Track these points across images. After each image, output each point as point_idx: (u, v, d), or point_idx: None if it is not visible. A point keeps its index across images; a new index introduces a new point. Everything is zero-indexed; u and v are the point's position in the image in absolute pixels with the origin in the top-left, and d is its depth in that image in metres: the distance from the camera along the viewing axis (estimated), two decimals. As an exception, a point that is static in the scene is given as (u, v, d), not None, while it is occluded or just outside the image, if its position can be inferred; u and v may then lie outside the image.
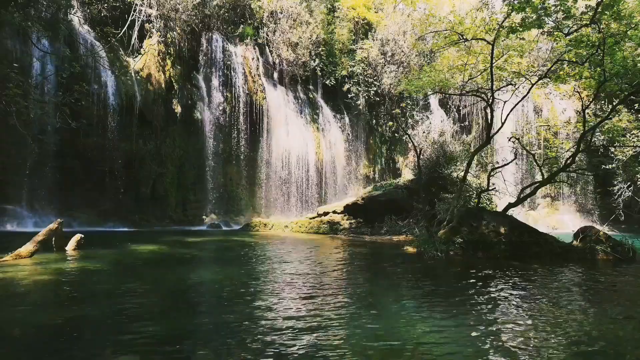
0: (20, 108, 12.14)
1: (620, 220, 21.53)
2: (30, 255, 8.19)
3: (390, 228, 16.19)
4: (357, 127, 26.85)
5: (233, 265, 8.75)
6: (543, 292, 6.51)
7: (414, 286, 7.17)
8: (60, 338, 4.09)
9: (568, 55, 11.60)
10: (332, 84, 25.46)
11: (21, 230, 14.52)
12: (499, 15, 12.36)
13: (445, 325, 4.61)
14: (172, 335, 4.19)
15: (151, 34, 19.84)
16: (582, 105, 13.13)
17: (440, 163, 17.78)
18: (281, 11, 23.86)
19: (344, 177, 25.61)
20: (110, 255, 9.25)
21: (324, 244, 13.40)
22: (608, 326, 4.80)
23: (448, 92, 17.77)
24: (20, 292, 5.71)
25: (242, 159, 22.21)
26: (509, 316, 5.09)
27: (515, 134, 17.19)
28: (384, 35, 26.03)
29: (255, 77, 22.86)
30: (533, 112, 27.66)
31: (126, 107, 18.13)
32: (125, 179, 18.06)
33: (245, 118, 22.10)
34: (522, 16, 10.61)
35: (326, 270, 8.15)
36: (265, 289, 6.42)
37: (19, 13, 13.14)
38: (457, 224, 11.22)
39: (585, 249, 10.41)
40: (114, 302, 5.36)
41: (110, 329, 4.36)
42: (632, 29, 10.42)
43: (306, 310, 5.09)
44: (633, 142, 16.09)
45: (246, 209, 22.34)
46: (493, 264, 9.22)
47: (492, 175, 14.23)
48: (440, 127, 21.78)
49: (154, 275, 7.43)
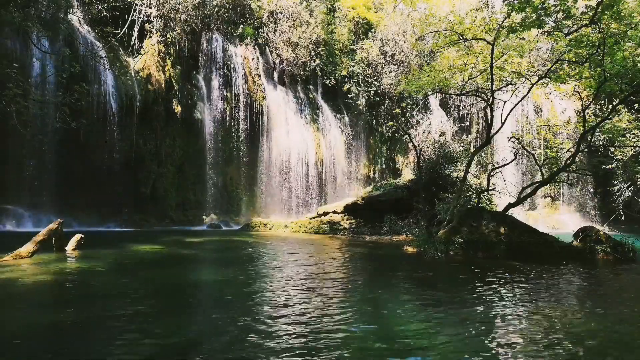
0: (20, 108, 12.13)
1: (620, 220, 21.52)
2: (30, 255, 8.18)
3: (390, 228, 16.19)
4: (357, 127, 26.85)
5: (233, 266, 8.75)
6: (543, 292, 6.51)
7: (414, 286, 7.16)
8: (61, 338, 4.09)
9: (568, 55, 11.60)
10: (332, 84, 25.46)
11: (21, 230, 14.52)
12: (499, 15, 12.37)
13: (446, 325, 4.61)
14: (173, 335, 4.19)
15: (151, 34, 19.83)
16: (582, 105, 13.13)
17: (440, 163, 17.77)
18: (281, 11, 23.86)
19: (344, 177, 25.60)
20: (110, 255, 9.25)
21: (324, 244, 13.40)
22: (608, 326, 4.80)
23: (448, 92, 17.77)
24: (20, 292, 5.71)
25: (242, 159, 22.20)
26: (509, 316, 5.09)
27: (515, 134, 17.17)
28: (383, 35, 26.03)
29: (255, 77, 22.86)
30: (533, 112, 27.66)
31: (126, 107, 18.12)
32: (125, 179, 18.05)
33: (245, 118, 22.09)
34: (522, 16, 10.61)
35: (326, 270, 8.15)
36: (265, 289, 6.42)
37: (19, 13, 13.14)
38: (457, 224, 11.22)
39: (585, 249, 10.40)
40: (114, 302, 5.36)
41: (111, 329, 4.35)
42: (632, 29, 10.42)
43: (306, 310, 5.09)
44: (633, 142, 16.08)
45: (246, 209, 22.34)
46: (493, 264, 9.22)
47: (492, 175, 14.23)
48: (440, 127, 21.79)
49: (154, 276, 7.42)
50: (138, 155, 18.67)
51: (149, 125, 19.13)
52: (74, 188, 16.58)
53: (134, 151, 18.50)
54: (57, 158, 16.36)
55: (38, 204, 16.02)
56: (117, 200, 17.73)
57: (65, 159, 16.53)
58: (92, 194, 17.03)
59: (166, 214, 19.69)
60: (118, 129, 17.83)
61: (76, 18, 17.79)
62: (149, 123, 19.13)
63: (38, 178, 16.11)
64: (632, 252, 10.34)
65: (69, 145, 16.30)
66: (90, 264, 8.00)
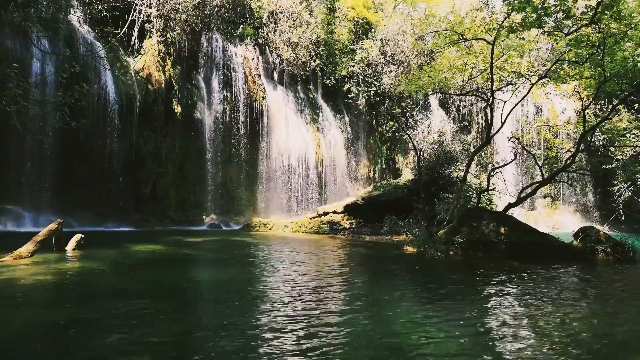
0: (20, 108, 12.11)
1: (620, 220, 21.48)
2: (30, 255, 8.18)
3: (390, 228, 16.17)
4: (357, 127, 26.84)
5: (233, 266, 8.75)
6: (543, 291, 6.51)
7: (414, 286, 7.17)
8: (61, 338, 4.09)
9: (568, 55, 11.60)
10: (332, 84, 25.45)
11: (21, 230, 14.52)
12: (499, 15, 12.38)
13: (446, 325, 4.61)
14: (173, 335, 4.19)
15: (151, 34, 19.83)
16: (582, 105, 13.13)
17: (440, 163, 17.77)
18: (281, 11, 23.85)
19: (344, 177, 25.59)
20: (110, 255, 9.25)
21: (324, 244, 13.40)
22: (608, 326, 4.80)
23: (448, 92, 17.78)
24: (20, 292, 5.71)
25: (242, 159, 22.19)
26: (509, 315, 5.09)
27: (515, 134, 17.19)
28: (383, 35, 26.02)
29: (255, 77, 22.85)
30: (533, 112, 27.64)
31: (126, 107, 18.11)
32: (125, 179, 18.04)
33: (245, 118, 22.08)
34: (522, 16, 10.60)
35: (326, 270, 8.15)
36: (265, 289, 6.42)
37: (19, 13, 13.13)
38: (457, 224, 11.21)
39: (585, 249, 10.39)
40: (114, 302, 5.35)
41: (111, 329, 4.35)
42: (632, 29, 10.43)
43: (306, 310, 5.09)
44: (633, 142, 16.09)
45: (246, 209, 22.33)
46: (493, 264, 9.22)
47: (492, 175, 14.22)
48: (440, 127, 21.74)
49: (154, 276, 7.42)
50: (138, 155, 18.66)
51: (149, 125, 19.13)
52: (74, 188, 16.58)
53: (134, 151, 18.49)
54: (57, 158, 16.34)
55: (38, 204, 16.02)
56: (117, 201, 17.72)
57: (65, 159, 16.52)
58: (92, 194, 17.02)
59: (166, 214, 19.68)
60: (118, 129, 17.83)
61: (76, 18, 17.78)
62: (149, 123, 19.12)
63: (38, 178, 16.10)
64: (632, 252, 10.32)
65: (69, 145, 16.29)
66: (90, 264, 8.00)
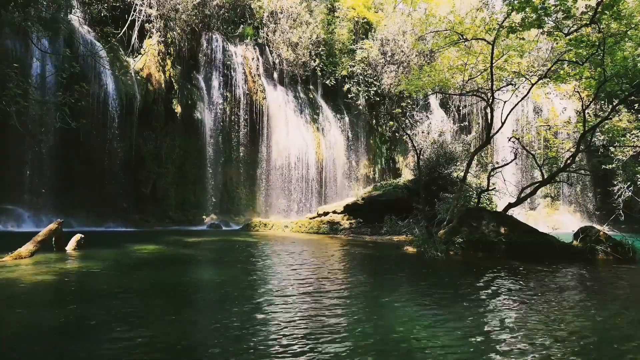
0: (20, 108, 12.12)
1: (620, 220, 21.48)
2: (30, 255, 8.18)
3: (390, 228, 16.17)
4: (357, 127, 26.84)
5: (233, 266, 8.75)
6: (543, 292, 6.51)
7: (414, 286, 7.17)
8: (61, 338, 4.09)
9: (568, 55, 11.60)
10: (332, 84, 25.46)
11: (21, 230, 14.52)
12: (499, 15, 12.38)
13: (446, 325, 4.61)
14: (172, 335, 4.19)
15: (151, 34, 19.83)
16: (582, 105, 13.13)
17: (440, 163, 17.77)
18: (281, 11, 23.85)
19: (344, 177, 25.60)
20: (110, 255, 9.25)
21: (324, 244, 13.40)
22: (608, 326, 4.80)
23: (448, 92, 17.78)
24: (20, 292, 5.71)
25: (242, 159, 22.20)
26: (509, 315, 5.09)
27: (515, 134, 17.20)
28: (383, 35, 26.02)
29: (255, 77, 22.86)
30: (533, 112, 27.64)
31: (126, 107, 18.12)
32: (125, 179, 18.05)
33: (245, 118, 22.10)
34: (522, 16, 10.61)
35: (326, 270, 8.15)
36: (265, 290, 6.42)
37: (19, 13, 13.13)
38: (457, 224, 11.22)
39: (585, 249, 10.39)
40: (114, 302, 5.36)
41: (111, 329, 4.35)
42: (632, 29, 10.43)
43: (306, 310, 5.09)
44: (633, 142, 16.09)
45: (246, 209, 22.33)
46: (493, 264, 9.22)
47: (492, 175, 14.22)
48: (440, 127, 21.72)
49: (154, 276, 7.42)
50: (138, 155, 18.66)
51: (149, 125, 19.13)
52: (74, 188, 16.59)
53: (134, 151, 18.50)
54: (57, 158, 16.36)
55: (38, 204, 16.02)
56: (117, 201, 17.73)
57: (65, 159, 16.53)
58: (92, 194, 17.03)
59: (166, 214, 19.68)
60: (118, 129, 17.84)
61: (76, 18, 17.78)
62: (149, 123, 19.13)
63: (38, 178, 16.11)
64: (632, 252, 10.32)
65: (69, 145, 16.30)
66: (90, 264, 8.00)
